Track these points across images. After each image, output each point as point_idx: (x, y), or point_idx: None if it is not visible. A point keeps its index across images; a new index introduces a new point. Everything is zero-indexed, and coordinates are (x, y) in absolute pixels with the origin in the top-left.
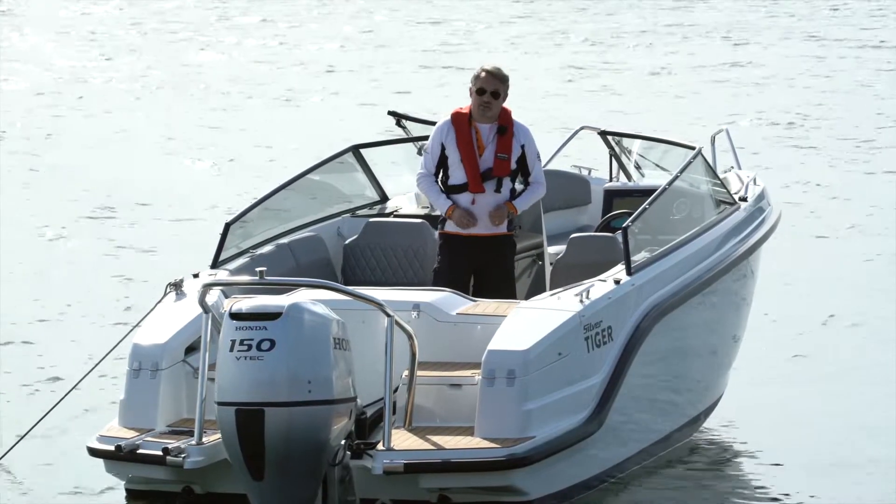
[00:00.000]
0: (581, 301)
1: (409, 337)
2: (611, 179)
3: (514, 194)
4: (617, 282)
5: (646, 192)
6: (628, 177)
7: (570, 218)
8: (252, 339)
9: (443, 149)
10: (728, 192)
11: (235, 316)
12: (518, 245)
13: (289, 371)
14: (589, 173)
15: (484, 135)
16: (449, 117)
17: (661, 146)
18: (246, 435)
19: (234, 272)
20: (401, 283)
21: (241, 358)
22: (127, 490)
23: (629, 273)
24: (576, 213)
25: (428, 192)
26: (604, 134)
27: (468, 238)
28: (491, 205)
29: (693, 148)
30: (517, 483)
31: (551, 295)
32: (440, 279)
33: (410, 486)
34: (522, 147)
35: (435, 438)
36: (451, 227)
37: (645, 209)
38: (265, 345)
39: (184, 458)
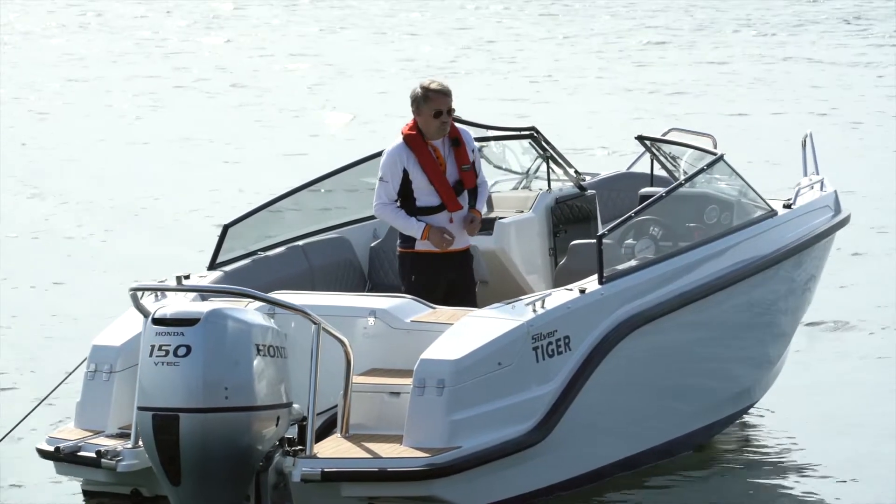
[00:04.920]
0: (533, 310)
1: (342, 344)
2: (651, 184)
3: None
4: (582, 291)
5: None
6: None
7: None
8: (169, 345)
9: (405, 174)
10: (762, 199)
11: (157, 321)
12: None
13: (204, 377)
14: None
15: (441, 151)
16: (401, 141)
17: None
18: (161, 440)
19: (231, 274)
20: None
21: (159, 363)
22: (84, 491)
23: (601, 282)
24: None
25: (395, 219)
26: (641, 139)
27: (444, 255)
28: (462, 218)
29: (715, 154)
30: (440, 493)
31: (507, 303)
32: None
33: (336, 494)
34: (472, 152)
35: (364, 447)
36: (424, 245)
37: (630, 217)
38: (181, 350)
39: (118, 461)
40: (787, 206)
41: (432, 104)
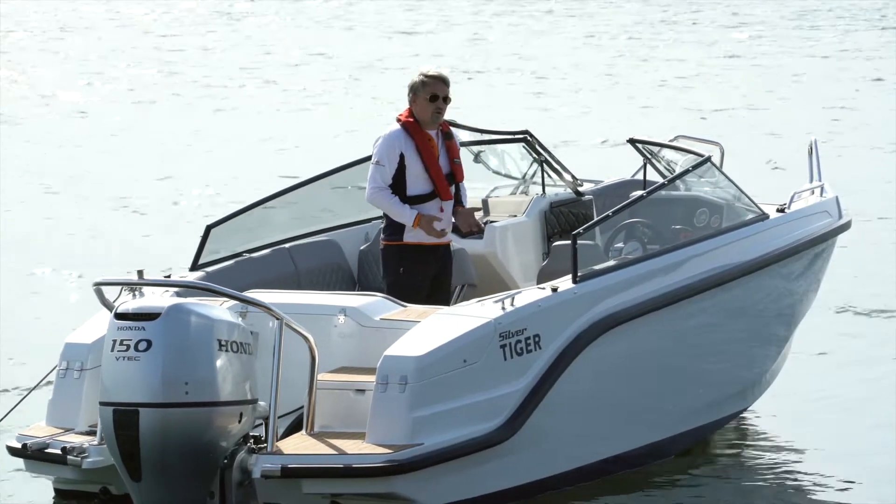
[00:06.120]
0: (503, 308)
1: (306, 340)
2: (644, 187)
3: None
4: (554, 289)
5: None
6: None
7: None
8: (130, 340)
9: (402, 158)
10: (754, 203)
11: (119, 316)
12: None
13: (164, 372)
14: None
15: (435, 141)
16: (399, 126)
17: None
18: (122, 435)
19: (213, 275)
20: None
21: (121, 358)
22: (55, 490)
23: (575, 281)
24: None
25: (389, 205)
26: (633, 142)
27: (432, 247)
28: (450, 209)
29: (702, 156)
30: (401, 490)
31: (477, 301)
32: (405, 292)
33: (298, 490)
34: (460, 150)
35: (327, 443)
36: (413, 237)
37: (607, 216)
38: (142, 345)
39: (83, 457)
40: (781, 211)
41: (429, 88)
